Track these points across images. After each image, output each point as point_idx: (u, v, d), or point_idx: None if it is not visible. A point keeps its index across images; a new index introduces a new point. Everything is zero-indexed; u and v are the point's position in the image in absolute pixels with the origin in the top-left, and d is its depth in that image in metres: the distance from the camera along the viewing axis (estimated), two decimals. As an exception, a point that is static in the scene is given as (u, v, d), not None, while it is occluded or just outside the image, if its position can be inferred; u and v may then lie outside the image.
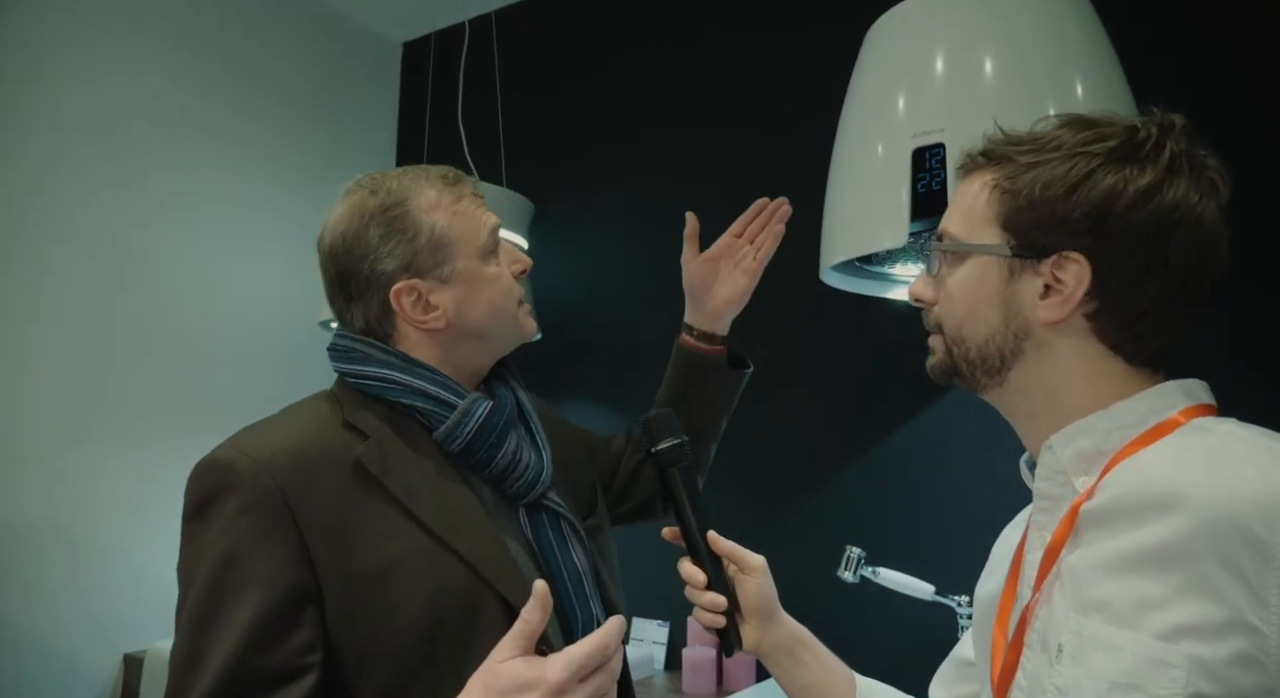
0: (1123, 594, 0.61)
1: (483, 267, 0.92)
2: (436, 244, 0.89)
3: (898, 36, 1.41)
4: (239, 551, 0.76)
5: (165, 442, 2.26)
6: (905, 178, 1.28)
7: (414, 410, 0.88)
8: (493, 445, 0.88)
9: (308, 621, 0.76)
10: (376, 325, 0.92)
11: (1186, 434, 0.64)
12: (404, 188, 0.91)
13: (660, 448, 0.90)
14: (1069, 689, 0.62)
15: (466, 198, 0.92)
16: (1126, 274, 0.65)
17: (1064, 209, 0.66)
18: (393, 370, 0.88)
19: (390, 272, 0.89)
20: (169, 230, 2.31)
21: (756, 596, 0.88)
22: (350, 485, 0.81)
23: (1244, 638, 0.54)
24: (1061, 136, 0.68)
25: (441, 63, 2.74)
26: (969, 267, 0.72)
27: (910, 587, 1.54)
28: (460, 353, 0.93)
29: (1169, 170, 0.64)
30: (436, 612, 0.80)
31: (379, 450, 0.84)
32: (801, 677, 0.90)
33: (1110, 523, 0.63)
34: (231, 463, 0.79)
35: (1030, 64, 1.28)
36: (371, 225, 0.89)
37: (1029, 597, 0.69)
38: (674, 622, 2.13)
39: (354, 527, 0.80)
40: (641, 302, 2.32)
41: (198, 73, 2.40)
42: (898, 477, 1.85)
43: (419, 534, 0.82)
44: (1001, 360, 0.71)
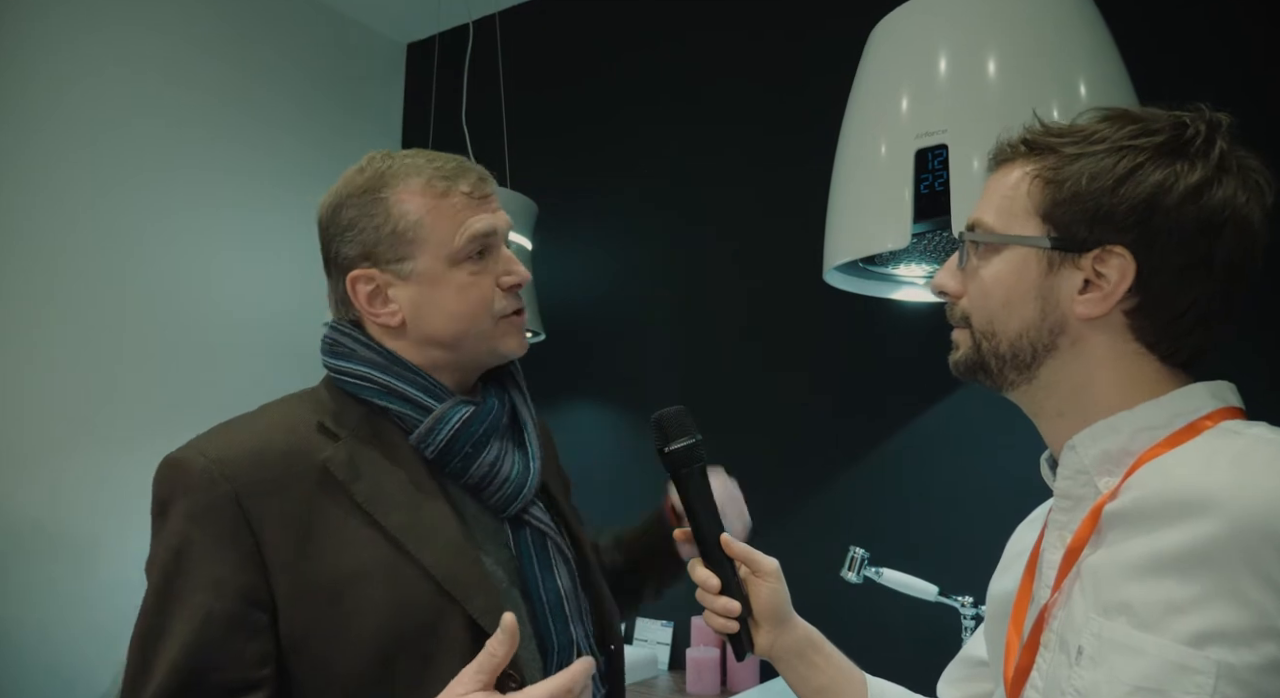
0: (1147, 597, 0.60)
1: (449, 271, 0.84)
2: (399, 237, 0.83)
3: (901, 37, 1.41)
4: (187, 556, 0.73)
5: (169, 443, 2.24)
6: (908, 179, 1.28)
7: (389, 413, 0.84)
8: (468, 455, 0.83)
9: (259, 632, 0.73)
10: (343, 311, 0.88)
11: (1214, 437, 0.63)
12: (392, 170, 0.86)
13: (674, 448, 0.86)
14: (1088, 692, 0.61)
15: (457, 195, 0.85)
16: (1169, 272, 0.64)
17: (1110, 202, 0.64)
18: (372, 369, 0.84)
19: (351, 257, 0.85)
20: (173, 230, 2.32)
21: (771, 600, 0.87)
22: (314, 491, 0.77)
23: (1274, 645, 0.53)
24: (1105, 130, 0.67)
25: (446, 64, 2.75)
26: (1005, 258, 0.69)
27: (914, 587, 1.54)
28: (432, 357, 0.86)
29: (1219, 168, 0.63)
30: (395, 628, 0.75)
31: (349, 455, 0.80)
32: (814, 679, 0.89)
33: (1134, 524, 0.62)
34: (187, 464, 0.77)
35: (1033, 65, 1.28)
36: (347, 204, 0.86)
37: (1046, 597, 0.68)
38: (678, 622, 2.13)
39: (314, 535, 0.76)
40: (645, 302, 2.32)
41: (202, 73, 2.40)
42: (901, 477, 1.85)
43: (383, 545, 0.77)
44: (1033, 356, 0.69)
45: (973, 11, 1.33)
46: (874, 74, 1.44)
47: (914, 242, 1.31)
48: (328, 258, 0.89)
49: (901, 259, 1.49)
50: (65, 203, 2.11)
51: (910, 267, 1.53)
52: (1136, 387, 0.67)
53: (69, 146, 2.12)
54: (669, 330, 2.28)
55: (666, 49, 2.37)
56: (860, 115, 1.44)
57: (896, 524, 1.82)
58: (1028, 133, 0.71)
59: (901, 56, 1.39)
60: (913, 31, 1.39)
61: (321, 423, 0.82)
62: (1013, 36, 1.30)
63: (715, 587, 0.85)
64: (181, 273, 2.33)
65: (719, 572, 0.86)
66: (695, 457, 0.86)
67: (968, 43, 1.31)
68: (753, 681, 1.92)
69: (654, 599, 1.13)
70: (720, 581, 0.86)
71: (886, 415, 1.87)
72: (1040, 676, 0.68)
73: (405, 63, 3.02)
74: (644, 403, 2.28)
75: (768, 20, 2.18)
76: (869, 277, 1.58)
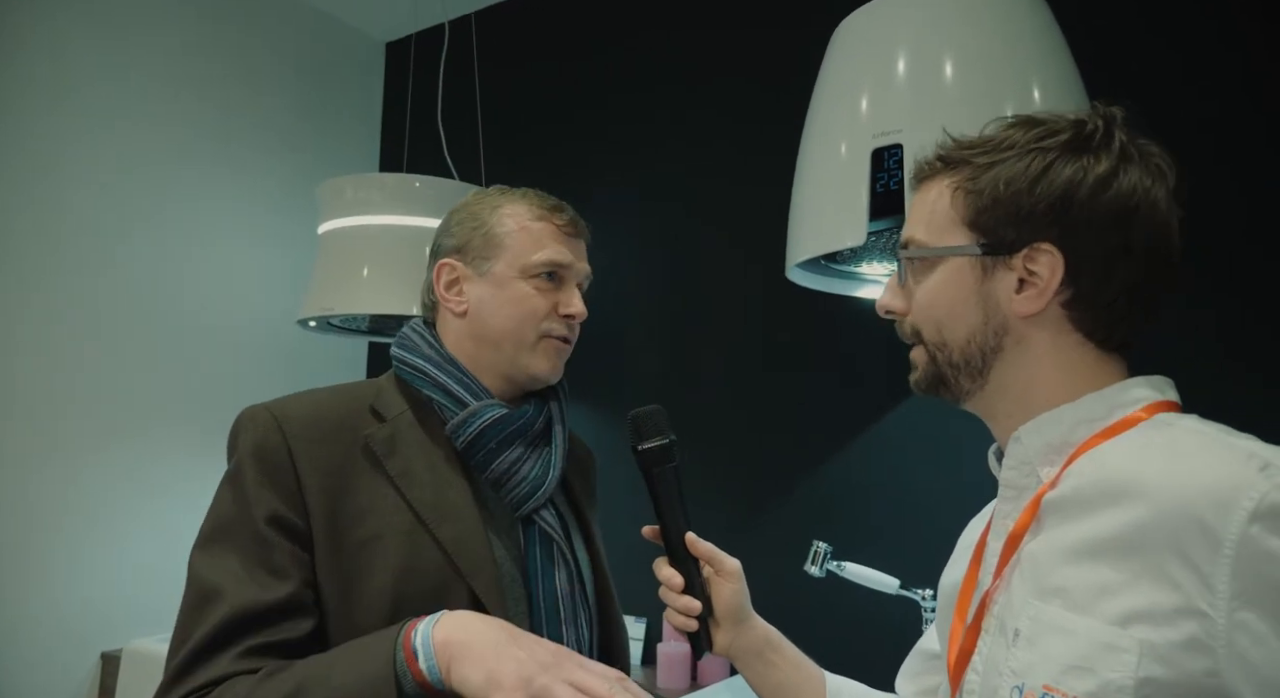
0: (1080, 581, 0.62)
1: (518, 280, 0.96)
2: (490, 240, 0.97)
3: (862, 37, 1.43)
4: (241, 485, 0.83)
5: (142, 442, 2.27)
6: (866, 177, 1.30)
7: (434, 403, 0.94)
8: (492, 451, 0.91)
9: (300, 563, 0.81)
10: (426, 295, 1.01)
11: (1148, 428, 0.66)
12: (508, 196, 1.00)
13: (646, 447, 0.88)
14: (1023, 672, 0.64)
15: (549, 224, 0.98)
16: (1095, 260, 0.67)
17: (1029, 202, 0.68)
18: (429, 364, 0.95)
19: (446, 248, 0.99)
20: (147, 228, 2.32)
21: (731, 600, 0.89)
22: (355, 459, 0.87)
23: (1194, 623, 0.56)
24: (1012, 136, 0.70)
25: (422, 63, 2.76)
26: (941, 271, 0.73)
27: (875, 581, 1.56)
28: (483, 356, 0.96)
29: (1122, 158, 0.67)
30: (404, 590, 0.82)
31: (390, 434, 0.90)
32: (772, 678, 0.91)
33: (1071, 512, 0.65)
34: (255, 412, 0.88)
35: (989, 67, 1.30)
36: (461, 211, 1.01)
37: (989, 584, 0.71)
38: (651, 617, 2.15)
39: (347, 495, 0.85)
40: (628, 301, 2.33)
41: (181, 69, 2.41)
42: (865, 473, 1.87)
43: (406, 514, 0.85)
44: (983, 360, 0.71)
45: (931, 14, 1.35)
46: (836, 73, 1.46)
47: (872, 239, 1.33)
48: (432, 250, 1.02)
49: (863, 257, 1.51)
50: (36, 203, 2.11)
51: (872, 264, 1.55)
52: (1080, 378, 0.70)
53: (40, 146, 2.12)
54: (643, 328, 2.29)
55: (642, 48, 2.39)
56: (822, 114, 1.46)
57: (861, 519, 1.85)
58: (941, 149, 0.74)
59: (862, 56, 1.41)
60: (873, 32, 1.41)
61: (374, 406, 0.92)
62: (969, 39, 1.32)
63: (679, 586, 0.88)
64: (156, 272, 2.33)
65: (683, 570, 0.88)
66: (668, 456, 0.89)
67: (925, 44, 1.33)
68: (722, 674, 1.94)
69: None
70: (684, 579, 0.88)
71: (850, 412, 1.90)
72: (981, 659, 0.70)
73: (385, 61, 3.03)
74: (620, 401, 2.30)
75: (744, 17, 2.20)
76: (832, 274, 1.61)
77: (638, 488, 1.04)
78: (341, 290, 2.03)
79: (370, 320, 2.21)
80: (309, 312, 2.08)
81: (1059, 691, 0.61)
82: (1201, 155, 1.52)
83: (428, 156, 2.49)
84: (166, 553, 2.20)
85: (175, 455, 2.33)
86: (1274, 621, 0.53)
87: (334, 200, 2.10)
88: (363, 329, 2.30)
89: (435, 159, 2.39)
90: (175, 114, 2.39)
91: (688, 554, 0.88)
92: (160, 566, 2.21)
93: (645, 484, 0.90)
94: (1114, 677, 0.58)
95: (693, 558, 0.89)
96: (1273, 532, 0.53)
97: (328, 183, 2.12)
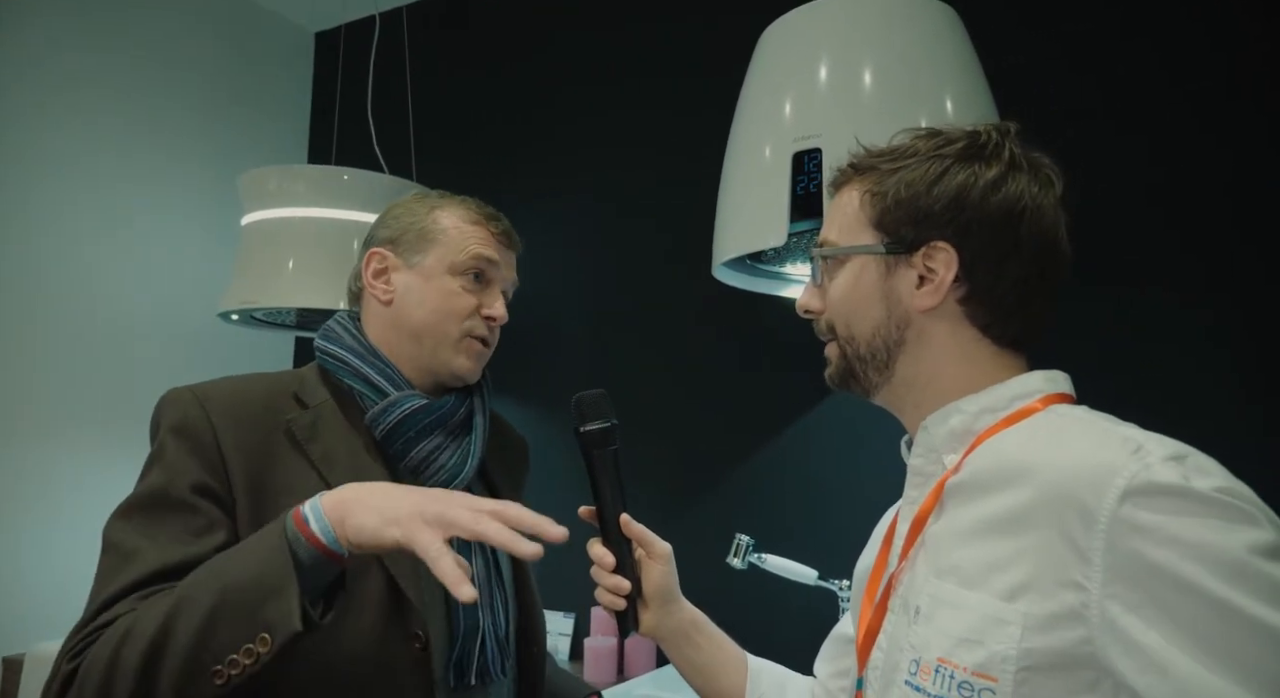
0: (973, 558, 0.66)
1: (445, 276, 0.98)
2: (424, 235, 1.00)
3: (786, 44, 1.47)
4: (163, 459, 0.84)
5: (47, 441, 2.18)
6: (787, 180, 1.34)
7: (354, 393, 0.96)
8: (410, 439, 0.94)
9: (228, 527, 0.82)
10: (354, 282, 1.04)
11: (1041, 417, 0.70)
12: (447, 200, 1.04)
13: (588, 429, 0.89)
14: (921, 647, 0.68)
15: (484, 228, 1.02)
16: (988, 258, 0.72)
17: (927, 203, 0.73)
18: (351, 354, 0.97)
19: (380, 237, 1.02)
20: (62, 216, 2.22)
21: (661, 582, 0.91)
22: (277, 442, 0.88)
23: (1071, 595, 0.59)
24: (915, 145, 0.76)
25: (352, 55, 2.71)
26: (849, 268, 0.77)
27: (795, 572, 1.61)
28: (404, 348, 0.98)
29: (1010, 166, 0.73)
30: None
31: (312, 421, 0.91)
32: (696, 659, 0.94)
33: (969, 495, 0.69)
34: (177, 393, 0.89)
35: (905, 77, 1.36)
36: (401, 206, 1.04)
37: (896, 566, 0.75)
38: (579, 614, 2.16)
39: (269, 476, 0.86)
40: (559, 298, 2.34)
41: (99, 54, 2.31)
42: (787, 467, 1.92)
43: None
44: (888, 353, 0.76)
45: (852, 24, 1.40)
46: (761, 77, 1.50)
47: (794, 240, 1.37)
48: (365, 240, 1.04)
49: (786, 257, 1.56)
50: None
51: (796, 265, 1.60)
52: (979, 371, 0.74)
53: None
54: (577, 322, 2.31)
55: (573, 45, 2.40)
56: (748, 116, 1.50)
57: (782, 512, 1.90)
58: (853, 158, 0.80)
59: (786, 61, 1.45)
60: (797, 39, 1.45)
61: (297, 393, 0.94)
62: (887, 50, 1.37)
63: (610, 565, 0.89)
64: (68, 261, 2.24)
65: (615, 551, 0.90)
66: (608, 440, 0.90)
67: (846, 53, 1.38)
68: (649, 665, 1.97)
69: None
70: (615, 559, 0.90)
71: (774, 409, 1.95)
72: (885, 637, 0.74)
73: (313, 52, 2.96)
74: (551, 395, 2.31)
75: (676, 15, 2.23)
76: (758, 274, 1.65)
77: (569, 483, 1.05)
78: (264, 283, 1.98)
79: (297, 315, 2.16)
80: (230, 304, 2.03)
81: (951, 662, 0.64)
82: (1105, 154, 1.61)
83: (357, 149, 2.45)
84: (72, 555, 2.11)
85: (83, 455, 2.23)
86: (1142, 591, 0.57)
87: (257, 191, 2.04)
88: (289, 324, 2.25)
89: (365, 152, 2.35)
90: (94, 98, 2.29)
91: (621, 535, 0.90)
92: (66, 568, 2.12)
93: (585, 466, 0.91)
94: (999, 648, 0.62)
95: (626, 539, 0.90)
96: (1142, 507, 0.57)
97: (250, 173, 2.07)
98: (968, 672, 0.63)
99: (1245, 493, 0.58)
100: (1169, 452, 0.59)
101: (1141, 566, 0.57)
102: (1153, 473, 0.57)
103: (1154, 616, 0.56)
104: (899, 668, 0.70)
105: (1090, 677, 0.59)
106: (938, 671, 0.65)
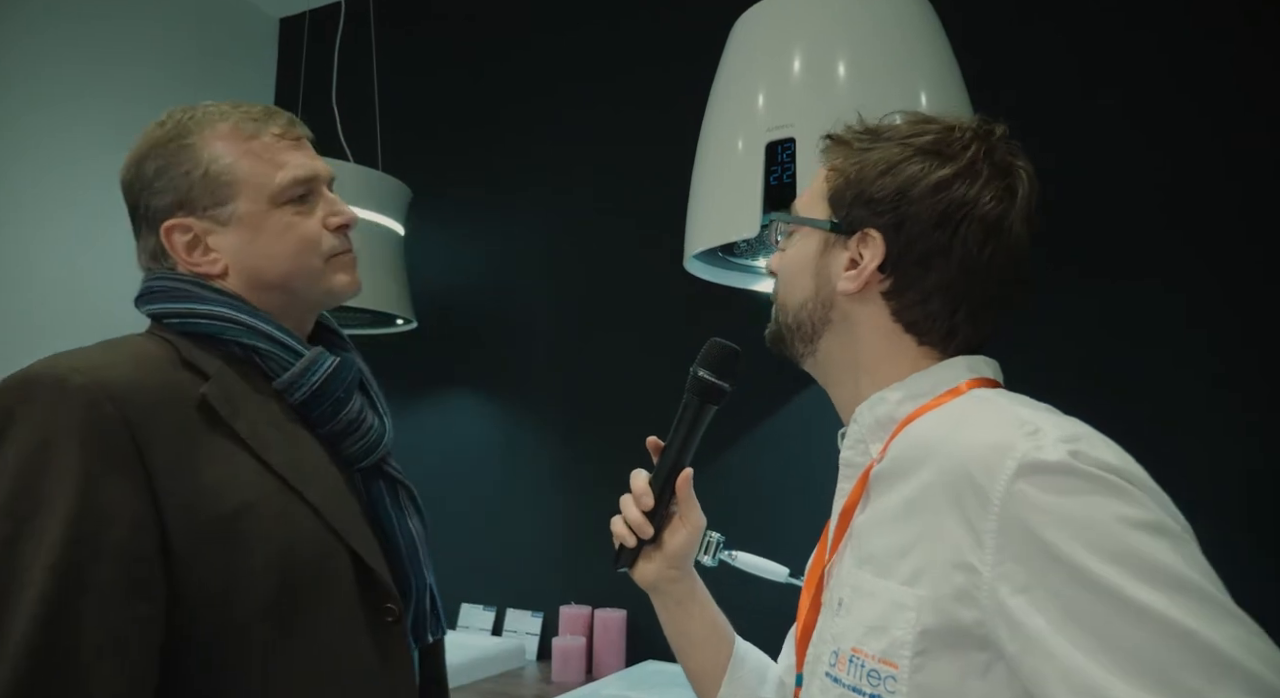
0: (884, 546, 0.66)
1: (272, 212, 0.84)
2: (213, 180, 0.82)
3: (759, 33, 1.45)
4: (55, 476, 0.67)
5: None
6: (760, 170, 1.32)
7: (256, 353, 0.82)
8: (339, 400, 0.84)
9: (155, 569, 0.70)
10: (158, 263, 0.86)
11: (958, 401, 0.69)
12: (196, 120, 0.84)
13: (707, 378, 0.86)
14: (839, 637, 0.68)
15: (267, 136, 0.85)
16: (914, 256, 0.70)
17: (871, 190, 0.71)
18: (232, 310, 0.82)
19: (162, 207, 0.83)
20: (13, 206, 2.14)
21: (682, 546, 0.89)
22: (195, 426, 0.75)
23: (963, 576, 0.59)
24: (897, 129, 0.74)
25: (317, 41, 2.64)
26: (797, 239, 0.78)
27: (765, 570, 1.59)
28: (272, 303, 0.86)
29: (968, 169, 0.70)
30: (288, 561, 0.76)
31: (224, 390, 0.78)
32: (686, 625, 0.92)
33: (889, 482, 0.69)
34: (59, 379, 0.69)
35: (879, 67, 1.34)
36: (151, 156, 0.84)
37: (828, 560, 0.75)
38: (547, 613, 2.13)
39: (201, 468, 0.74)
40: (523, 290, 2.30)
41: (58, 38, 2.23)
42: (757, 465, 1.91)
43: (270, 479, 0.77)
44: (813, 328, 0.76)
45: (825, 13, 1.39)
46: (734, 67, 1.47)
47: (765, 232, 1.35)
48: (136, 214, 0.86)
49: (759, 250, 1.54)
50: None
51: (769, 258, 1.58)
52: (902, 358, 0.73)
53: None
54: (546, 317, 2.27)
55: (542, 35, 2.36)
56: (720, 107, 1.48)
57: (753, 510, 1.88)
58: (839, 130, 0.78)
59: (759, 52, 1.43)
60: (770, 28, 1.43)
61: (187, 360, 0.79)
62: (861, 40, 1.36)
63: (647, 506, 0.87)
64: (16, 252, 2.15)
65: (658, 495, 0.87)
66: (718, 397, 0.87)
67: (819, 43, 1.36)
68: (618, 665, 1.94)
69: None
70: (654, 502, 0.87)
71: (746, 407, 1.92)
72: (818, 631, 0.73)
73: (278, 38, 2.89)
74: (520, 389, 2.28)
75: (649, 3, 2.20)
76: (730, 267, 1.62)
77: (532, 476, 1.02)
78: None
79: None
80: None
81: (863, 651, 0.64)
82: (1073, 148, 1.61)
83: (321, 139, 2.38)
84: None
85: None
86: (1031, 569, 0.56)
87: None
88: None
89: (329, 141, 2.29)
90: (41, 82, 2.21)
91: (671, 487, 0.88)
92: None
93: (681, 405, 0.88)
94: (899, 634, 0.62)
95: (673, 493, 0.88)
96: (1033, 485, 0.56)
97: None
98: (875, 659, 0.63)
99: (1136, 472, 0.57)
100: (1063, 433, 0.58)
101: (1030, 545, 0.56)
102: (1043, 452, 0.57)
103: (1040, 598, 0.55)
104: (820, 660, 0.70)
105: (983, 660, 0.59)
106: (851, 660, 0.65)
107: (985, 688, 0.59)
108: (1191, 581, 0.53)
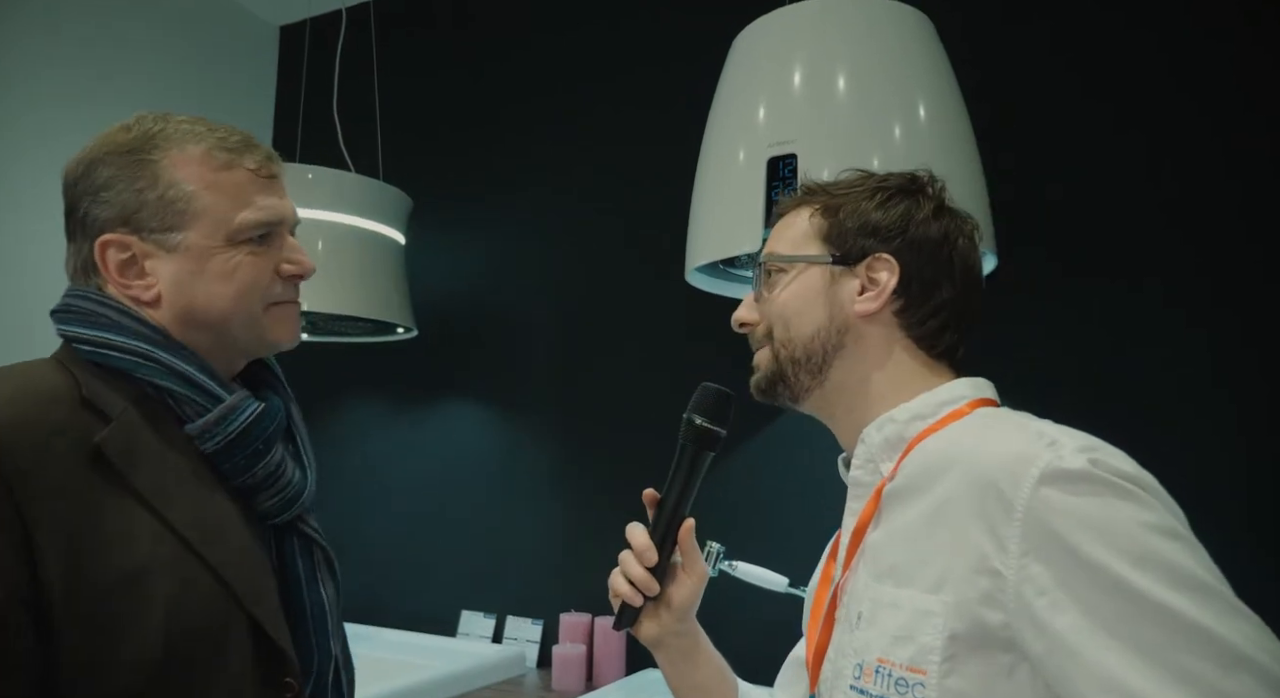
0: (906, 557, 0.69)
1: (225, 249, 0.78)
2: (168, 206, 0.76)
3: (761, 47, 1.46)
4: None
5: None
6: (762, 185, 1.33)
7: (169, 395, 0.76)
8: (257, 451, 0.78)
9: (25, 639, 0.64)
10: (83, 280, 0.80)
11: (967, 419, 0.74)
12: (165, 135, 0.78)
13: (700, 423, 0.86)
14: (861, 650, 0.70)
15: (241, 171, 0.80)
16: (924, 275, 0.79)
17: (875, 220, 0.80)
18: (151, 346, 0.76)
19: (104, 218, 0.77)
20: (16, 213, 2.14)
21: (687, 598, 0.88)
22: (88, 477, 0.69)
23: (988, 581, 0.62)
24: (862, 180, 0.84)
25: (318, 50, 2.65)
26: (796, 277, 0.82)
27: (765, 580, 1.60)
28: (200, 341, 0.80)
29: (940, 206, 0.82)
30: (181, 627, 0.70)
31: (125, 438, 0.71)
32: (692, 676, 0.92)
33: (904, 498, 0.72)
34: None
35: (879, 84, 1.36)
36: (105, 161, 0.78)
37: (841, 577, 0.77)
38: (547, 620, 2.13)
39: (92, 526, 0.67)
40: (523, 298, 2.31)
41: (60, 45, 2.23)
42: (758, 475, 1.92)
43: (168, 540, 0.71)
44: (824, 356, 0.80)
45: (826, 29, 1.40)
46: (735, 81, 1.49)
47: (765, 249, 1.36)
48: (72, 217, 0.79)
49: (759, 263, 1.55)
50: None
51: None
52: (911, 378, 0.79)
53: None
54: (547, 327, 2.28)
55: (543, 43, 2.37)
56: (722, 121, 1.49)
57: (754, 520, 1.89)
58: (803, 188, 0.87)
59: (760, 65, 1.44)
60: (771, 43, 1.44)
61: (87, 399, 0.72)
62: (861, 55, 1.37)
63: (650, 562, 0.85)
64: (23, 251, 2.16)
65: (660, 550, 0.85)
66: (712, 444, 0.87)
67: (820, 58, 1.37)
68: (618, 674, 1.95)
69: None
70: (658, 558, 0.85)
71: (745, 416, 1.93)
72: (833, 648, 0.75)
73: (278, 45, 2.90)
74: (520, 396, 2.28)
75: (645, 16, 2.21)
76: (732, 279, 1.64)
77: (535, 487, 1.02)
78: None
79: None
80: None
81: (889, 661, 0.67)
82: (1060, 158, 1.62)
83: (321, 147, 2.39)
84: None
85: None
86: (1055, 571, 0.59)
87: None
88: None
89: (330, 150, 2.30)
90: (42, 87, 2.21)
91: (671, 539, 0.86)
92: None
93: (676, 453, 0.88)
94: (927, 640, 0.65)
95: (674, 544, 0.86)
96: (1055, 490, 0.60)
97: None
98: (902, 668, 0.66)
99: (1150, 481, 0.62)
100: (1080, 444, 0.63)
101: (1053, 547, 0.59)
102: (1064, 461, 0.61)
103: (1064, 598, 0.59)
104: (843, 674, 0.72)
105: (1008, 662, 0.62)
106: (878, 671, 0.68)
107: (1010, 689, 0.62)
108: (1206, 581, 0.57)
